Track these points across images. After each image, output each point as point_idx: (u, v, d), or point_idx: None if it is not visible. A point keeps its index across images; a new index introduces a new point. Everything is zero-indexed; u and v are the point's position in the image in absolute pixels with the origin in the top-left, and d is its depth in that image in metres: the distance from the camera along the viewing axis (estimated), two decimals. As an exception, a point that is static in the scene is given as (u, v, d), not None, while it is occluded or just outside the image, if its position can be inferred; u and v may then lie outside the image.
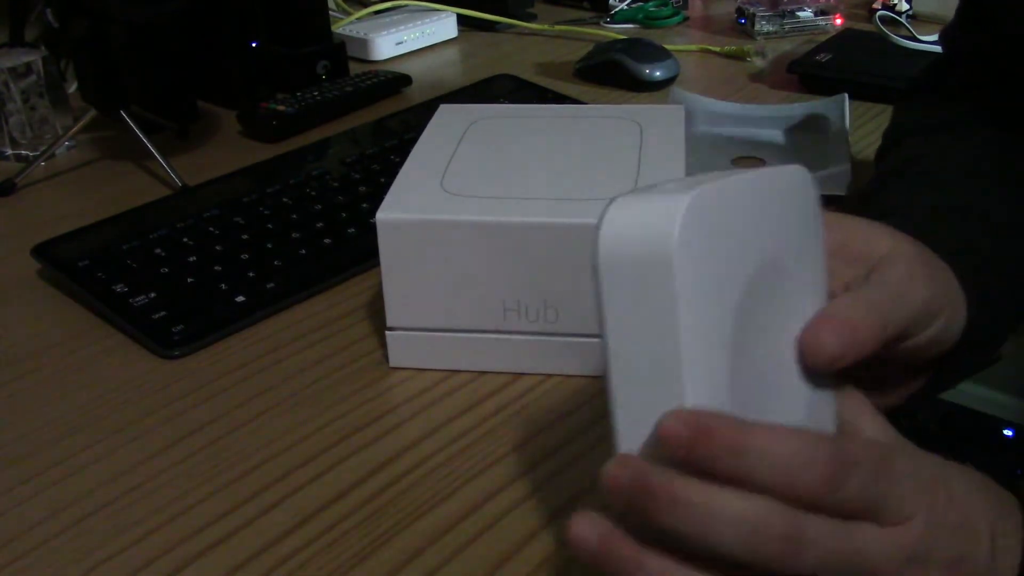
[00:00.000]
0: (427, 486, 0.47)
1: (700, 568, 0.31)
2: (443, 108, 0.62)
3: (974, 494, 0.35)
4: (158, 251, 0.66)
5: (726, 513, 0.30)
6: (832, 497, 0.31)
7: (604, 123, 0.59)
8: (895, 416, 0.40)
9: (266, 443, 0.51)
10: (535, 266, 0.51)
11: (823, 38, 1.05)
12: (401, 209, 0.51)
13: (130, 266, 0.64)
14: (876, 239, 0.39)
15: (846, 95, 0.82)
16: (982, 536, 0.34)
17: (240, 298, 0.62)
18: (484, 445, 0.50)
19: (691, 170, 0.57)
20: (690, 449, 0.30)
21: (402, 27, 1.11)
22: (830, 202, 0.55)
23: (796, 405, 0.34)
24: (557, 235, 0.50)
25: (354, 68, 1.03)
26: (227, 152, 0.86)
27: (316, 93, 0.92)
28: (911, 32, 1.03)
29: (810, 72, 0.94)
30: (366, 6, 1.18)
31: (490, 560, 0.43)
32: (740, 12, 1.13)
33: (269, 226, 0.69)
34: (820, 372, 0.34)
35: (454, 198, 0.52)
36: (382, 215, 0.51)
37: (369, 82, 0.96)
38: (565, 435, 0.50)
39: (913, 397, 0.45)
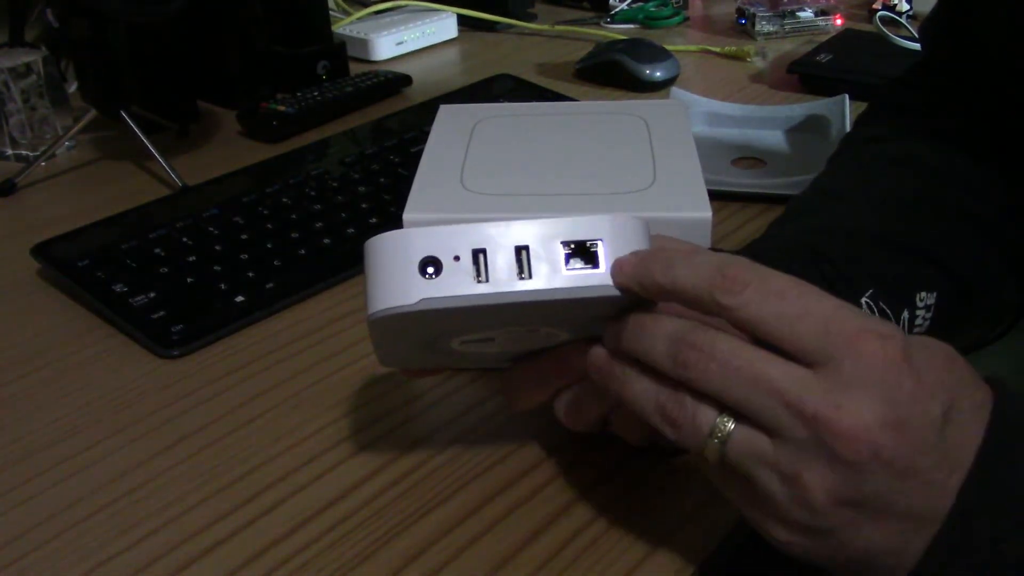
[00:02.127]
0: (428, 487, 0.47)
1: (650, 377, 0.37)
2: (444, 108, 0.62)
3: (937, 367, 0.33)
4: (158, 251, 0.66)
5: (659, 324, 0.36)
6: (735, 313, 0.33)
7: (609, 119, 0.59)
8: None
9: (266, 444, 0.51)
10: None
11: (823, 38, 1.05)
12: (427, 208, 0.51)
13: (130, 266, 0.64)
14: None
15: (846, 96, 0.82)
16: (933, 404, 0.32)
17: (239, 298, 0.62)
18: (485, 446, 0.50)
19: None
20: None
21: (402, 27, 1.11)
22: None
23: None
24: None
25: (354, 68, 1.03)
26: (227, 152, 0.86)
27: (316, 93, 0.92)
28: (911, 32, 1.03)
29: (810, 72, 0.94)
30: (366, 6, 1.18)
31: (491, 561, 0.43)
32: (740, 12, 1.13)
33: (269, 226, 0.69)
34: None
35: (478, 196, 0.51)
36: (408, 215, 0.51)
37: (369, 82, 0.96)
38: (567, 436, 0.50)
39: None
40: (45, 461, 0.50)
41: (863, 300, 0.47)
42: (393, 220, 0.69)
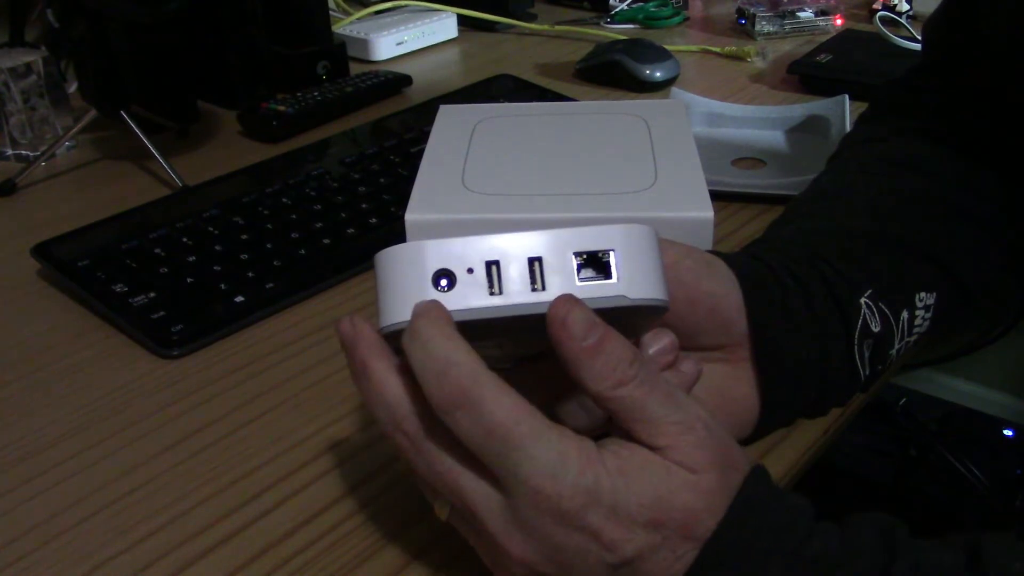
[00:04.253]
0: (428, 487, 0.47)
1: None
2: (444, 109, 0.62)
3: (626, 524, 0.34)
4: (158, 251, 0.66)
5: (384, 394, 0.36)
6: (448, 421, 0.34)
7: (609, 119, 0.59)
8: (895, 418, 0.41)
9: (267, 444, 0.51)
10: None
11: (823, 38, 1.05)
12: (429, 209, 0.51)
13: (129, 266, 0.64)
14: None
15: (847, 96, 0.82)
16: (608, 555, 0.34)
17: (239, 298, 0.62)
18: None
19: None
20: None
21: (402, 27, 1.11)
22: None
23: None
24: None
25: (354, 68, 1.03)
26: (227, 152, 0.86)
27: (316, 93, 0.92)
28: (911, 32, 1.03)
29: (810, 73, 0.94)
30: (366, 6, 1.18)
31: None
32: (740, 12, 1.13)
33: (268, 226, 0.69)
34: None
35: (479, 196, 0.51)
36: (411, 216, 0.51)
37: (369, 82, 0.96)
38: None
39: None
40: (45, 461, 0.50)
41: (862, 300, 0.47)
42: (393, 220, 0.69)
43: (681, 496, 0.34)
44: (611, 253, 0.36)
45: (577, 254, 0.36)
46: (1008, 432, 1.17)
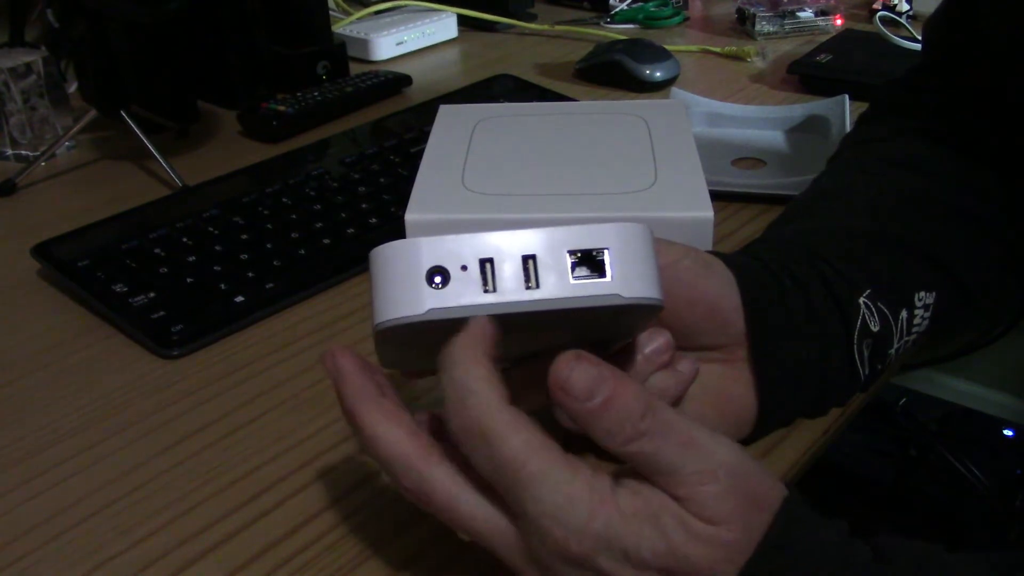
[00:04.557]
0: (428, 487, 0.47)
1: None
2: (444, 108, 0.62)
3: (637, 546, 0.34)
4: (157, 251, 0.66)
5: (377, 449, 0.37)
6: (464, 448, 0.34)
7: (609, 119, 0.60)
8: (895, 418, 0.40)
9: (267, 444, 0.51)
10: None
11: (823, 38, 1.05)
12: (428, 209, 0.51)
13: (129, 266, 0.64)
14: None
15: (847, 96, 0.82)
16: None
17: (239, 298, 0.62)
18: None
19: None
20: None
21: (402, 27, 1.11)
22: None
23: None
24: None
25: (354, 68, 1.03)
26: (227, 152, 0.86)
27: (316, 93, 0.92)
28: (911, 33, 1.03)
29: (810, 73, 0.94)
30: (366, 6, 1.18)
31: (492, 562, 0.43)
32: (740, 12, 1.13)
33: (268, 226, 0.69)
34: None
35: (479, 196, 0.52)
36: (411, 216, 0.51)
37: (369, 82, 0.96)
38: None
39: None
40: (45, 461, 0.50)
41: (861, 300, 0.47)
42: (393, 220, 0.69)
43: (697, 549, 0.34)
44: (605, 251, 0.36)
45: (571, 252, 0.36)
46: (1008, 432, 1.17)
